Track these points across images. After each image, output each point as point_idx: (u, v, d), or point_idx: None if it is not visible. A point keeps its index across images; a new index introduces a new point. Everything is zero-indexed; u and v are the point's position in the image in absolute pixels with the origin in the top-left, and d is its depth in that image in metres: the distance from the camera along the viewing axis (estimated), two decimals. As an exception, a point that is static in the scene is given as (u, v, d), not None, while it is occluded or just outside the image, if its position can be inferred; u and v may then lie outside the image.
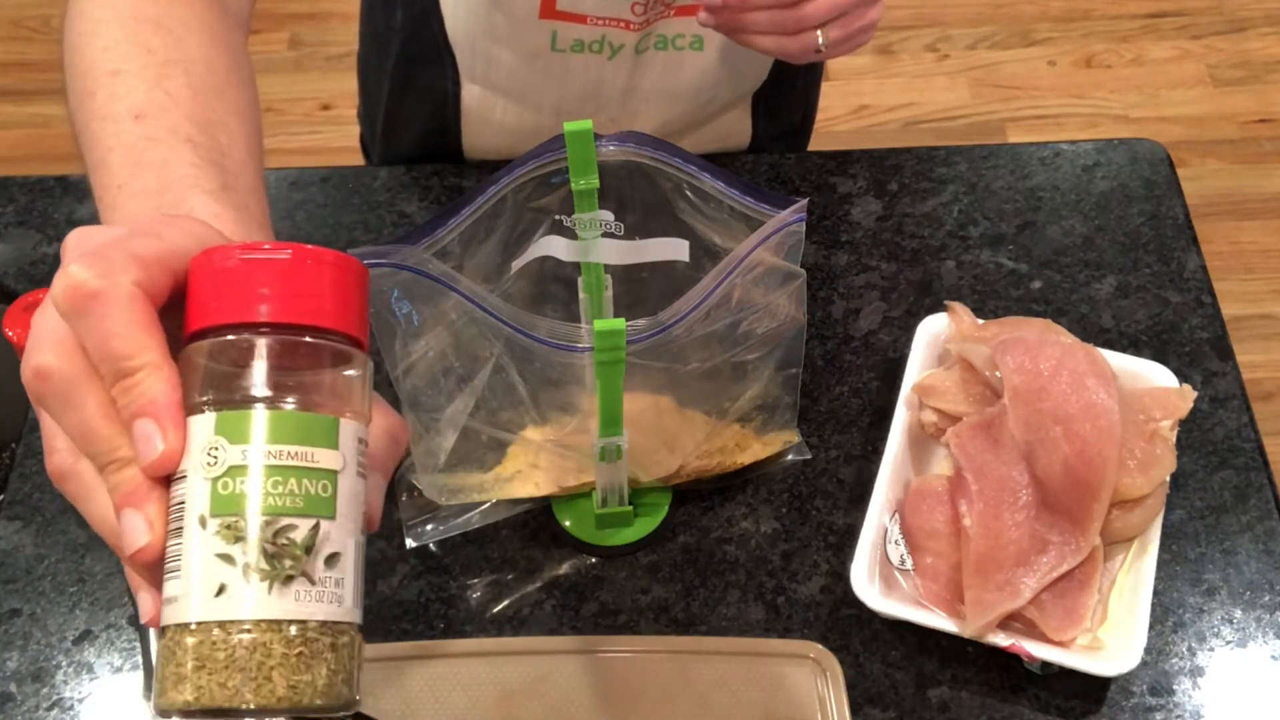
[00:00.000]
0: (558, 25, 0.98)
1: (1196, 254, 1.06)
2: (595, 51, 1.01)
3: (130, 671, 0.87)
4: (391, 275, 0.78)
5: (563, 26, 0.99)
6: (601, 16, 0.97)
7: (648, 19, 0.98)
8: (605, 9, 0.96)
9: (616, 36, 0.99)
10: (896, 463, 0.91)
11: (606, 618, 0.89)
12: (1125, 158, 1.12)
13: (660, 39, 1.01)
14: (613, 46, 1.00)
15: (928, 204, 1.09)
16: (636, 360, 0.79)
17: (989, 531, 0.84)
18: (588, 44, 1.00)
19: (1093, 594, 0.85)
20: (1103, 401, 0.85)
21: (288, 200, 1.10)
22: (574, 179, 0.77)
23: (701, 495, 0.94)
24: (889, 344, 1.01)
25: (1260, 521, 0.92)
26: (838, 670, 0.85)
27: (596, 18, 0.97)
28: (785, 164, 1.12)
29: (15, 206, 1.10)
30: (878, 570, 0.87)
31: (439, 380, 0.85)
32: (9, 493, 0.95)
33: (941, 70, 2.33)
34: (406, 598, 0.90)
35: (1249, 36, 2.35)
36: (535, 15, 0.98)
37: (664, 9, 0.98)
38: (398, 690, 0.85)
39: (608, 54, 1.01)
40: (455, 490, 0.91)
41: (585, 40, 1.00)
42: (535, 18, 0.98)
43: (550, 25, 0.99)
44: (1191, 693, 0.86)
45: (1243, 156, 2.20)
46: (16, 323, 0.87)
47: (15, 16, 2.39)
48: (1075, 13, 2.39)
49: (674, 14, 0.99)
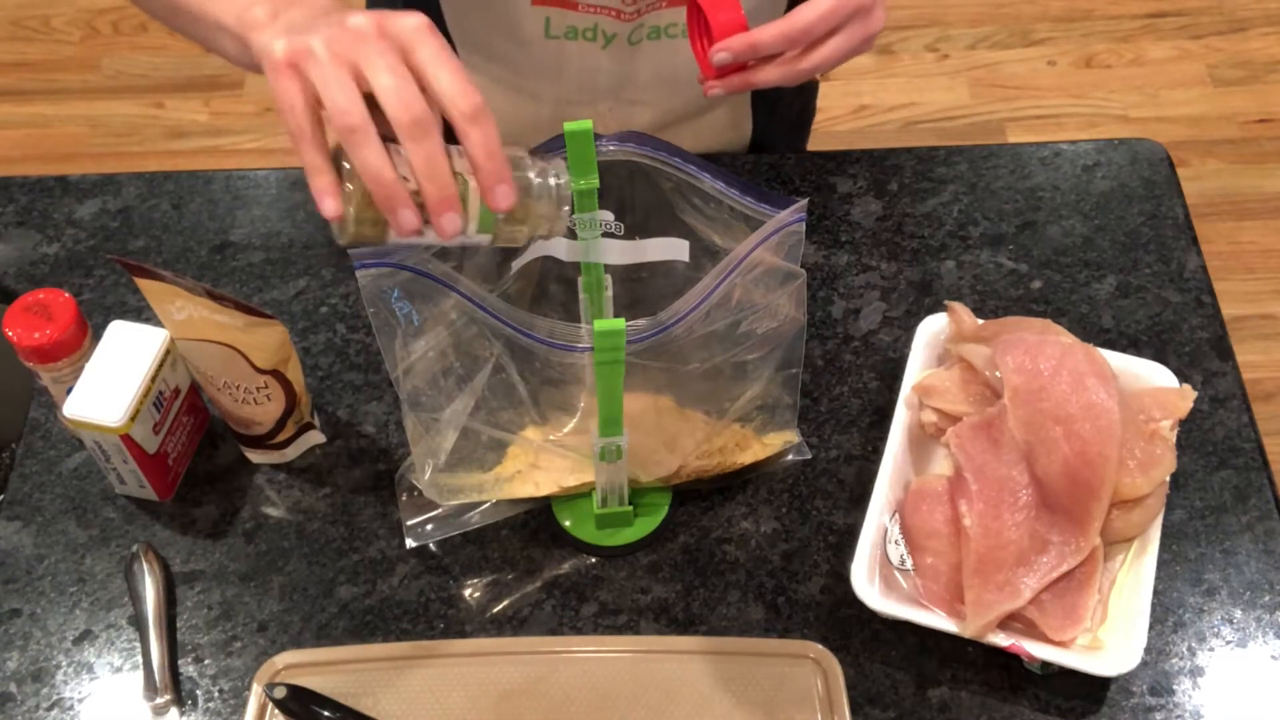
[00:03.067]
0: (550, 12, 0.99)
1: (1196, 254, 1.06)
2: (589, 39, 1.01)
3: (130, 671, 0.87)
4: (391, 275, 0.78)
5: (555, 13, 0.99)
6: (592, 4, 0.97)
7: (638, 9, 0.98)
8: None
9: (609, 25, 1.00)
10: (896, 463, 0.91)
11: (606, 618, 0.89)
12: (1125, 158, 1.12)
13: (653, 30, 1.02)
14: (605, 35, 1.01)
15: (928, 204, 1.09)
16: (636, 360, 0.79)
17: (989, 531, 0.84)
18: (581, 30, 1.00)
19: (1093, 594, 0.85)
20: (1103, 401, 0.85)
21: (288, 200, 1.10)
22: (574, 179, 0.77)
23: (701, 495, 0.94)
24: (889, 344, 1.01)
25: (1260, 521, 0.92)
26: (838, 670, 0.85)
27: (588, 4, 0.98)
28: (785, 164, 1.12)
29: (15, 206, 1.10)
30: (878, 570, 0.87)
31: (439, 380, 0.85)
32: (9, 493, 0.95)
33: (941, 70, 2.32)
34: (406, 598, 0.90)
35: (1249, 36, 2.35)
36: (529, 2, 0.98)
37: (655, 0, 0.98)
38: (398, 690, 0.85)
39: (601, 42, 1.01)
40: (455, 490, 0.91)
41: (578, 27, 1.00)
42: (529, 4, 0.98)
43: (543, 11, 0.99)
44: (1191, 693, 0.86)
45: (1243, 156, 2.20)
46: (16, 323, 0.87)
47: (15, 16, 2.39)
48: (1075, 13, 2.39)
49: (665, 5, 0.99)
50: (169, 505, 0.94)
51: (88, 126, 2.26)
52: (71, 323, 0.88)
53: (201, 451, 0.97)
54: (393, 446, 0.97)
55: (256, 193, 1.10)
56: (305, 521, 0.93)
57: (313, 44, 0.67)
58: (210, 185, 1.11)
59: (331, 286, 1.04)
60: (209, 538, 0.93)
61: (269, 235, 1.08)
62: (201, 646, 0.88)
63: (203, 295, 0.83)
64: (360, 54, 0.67)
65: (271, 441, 0.94)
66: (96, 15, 2.38)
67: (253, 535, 0.93)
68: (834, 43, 0.84)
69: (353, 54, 0.67)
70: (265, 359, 0.88)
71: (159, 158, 2.20)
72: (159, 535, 0.93)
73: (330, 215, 0.69)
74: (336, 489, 0.95)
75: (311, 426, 0.96)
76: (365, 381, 1.00)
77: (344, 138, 0.67)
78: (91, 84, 2.31)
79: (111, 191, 1.10)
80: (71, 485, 0.95)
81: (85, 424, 0.87)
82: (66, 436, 0.97)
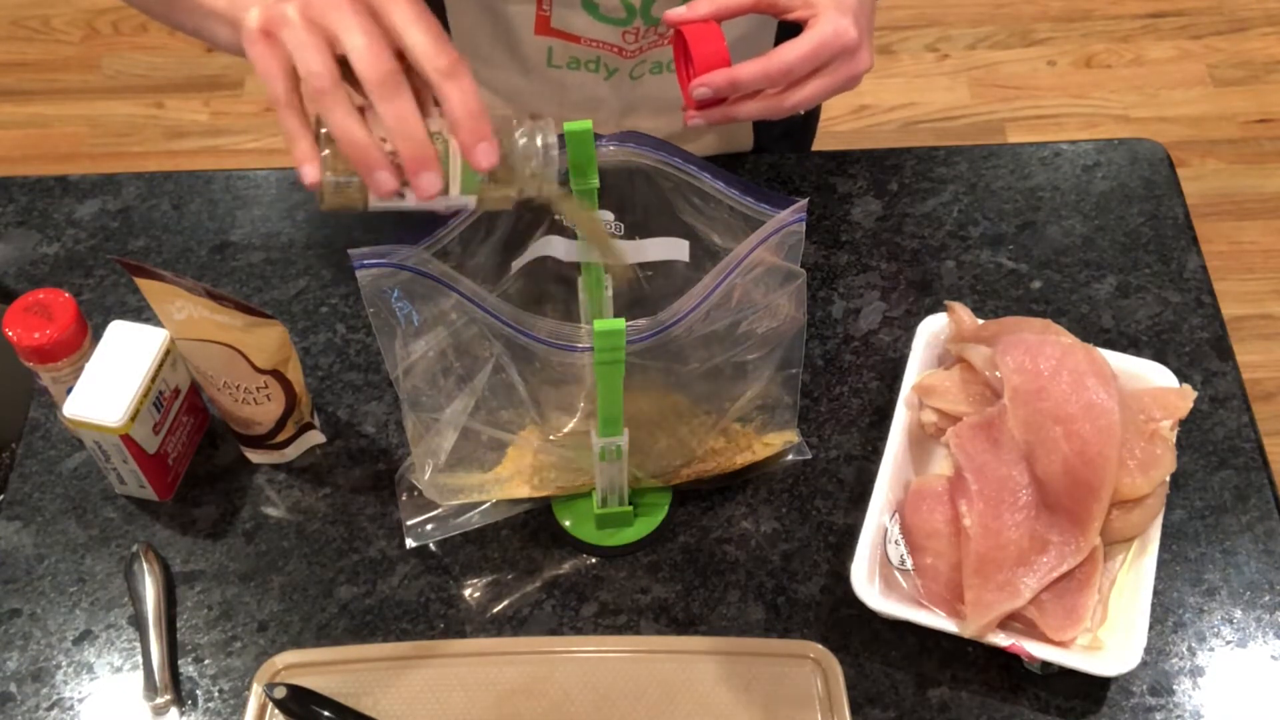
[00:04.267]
0: (553, 42, 0.99)
1: (1196, 254, 1.06)
2: (591, 70, 1.01)
3: (130, 671, 0.87)
4: (391, 275, 0.78)
5: (558, 44, 0.99)
6: (593, 39, 0.97)
7: (640, 47, 0.98)
8: (596, 33, 0.97)
9: (611, 60, 1.00)
10: (896, 463, 0.91)
11: (606, 618, 0.89)
12: (1125, 158, 1.12)
13: (655, 65, 1.02)
14: (608, 68, 1.01)
15: (928, 204, 1.09)
16: (636, 360, 0.79)
17: (989, 531, 0.84)
18: (584, 62, 1.00)
19: (1093, 594, 0.85)
20: (1103, 401, 0.85)
21: (288, 200, 1.10)
22: (574, 179, 0.77)
23: (701, 495, 0.94)
24: (889, 344, 1.01)
25: (1260, 521, 0.92)
26: (838, 670, 0.85)
27: (590, 39, 0.98)
28: (786, 164, 1.12)
29: (15, 206, 1.10)
30: (878, 570, 0.87)
31: (439, 380, 0.85)
32: (9, 493, 0.95)
33: (941, 70, 2.32)
34: (406, 598, 0.90)
35: (1249, 36, 2.35)
36: (531, 32, 0.98)
37: (657, 39, 0.98)
38: (398, 690, 0.85)
39: (604, 74, 1.01)
40: (455, 490, 0.91)
41: (581, 59, 1.00)
42: (532, 34, 0.98)
43: (546, 41, 0.99)
44: (1191, 693, 0.86)
45: (1243, 156, 2.20)
46: (16, 323, 0.87)
47: (15, 16, 2.39)
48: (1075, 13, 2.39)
49: (667, 42, 0.99)
50: (169, 505, 0.94)
51: (88, 126, 2.26)
52: (71, 323, 0.88)
53: (201, 451, 0.97)
54: (393, 446, 0.97)
55: (256, 193, 1.10)
56: (305, 521, 0.93)
57: (287, 10, 0.67)
58: (210, 185, 1.11)
59: (331, 286, 1.04)
60: (209, 538, 0.93)
61: (269, 235, 1.08)
62: (201, 646, 0.88)
63: (203, 295, 0.83)
64: (332, 19, 0.66)
65: (271, 441, 0.94)
66: (96, 15, 2.38)
67: (253, 535, 0.93)
68: (816, 83, 0.84)
69: (324, 19, 0.66)
70: (265, 359, 0.88)
71: (159, 158, 2.20)
72: (159, 535, 0.93)
73: (308, 181, 0.68)
74: (336, 489, 0.95)
75: (311, 426, 0.96)
76: (365, 381, 1.00)
77: (317, 101, 0.66)
78: (91, 84, 2.31)
79: (111, 191, 1.10)
80: (71, 485, 0.95)
81: (85, 424, 0.87)
82: (66, 436, 0.97)
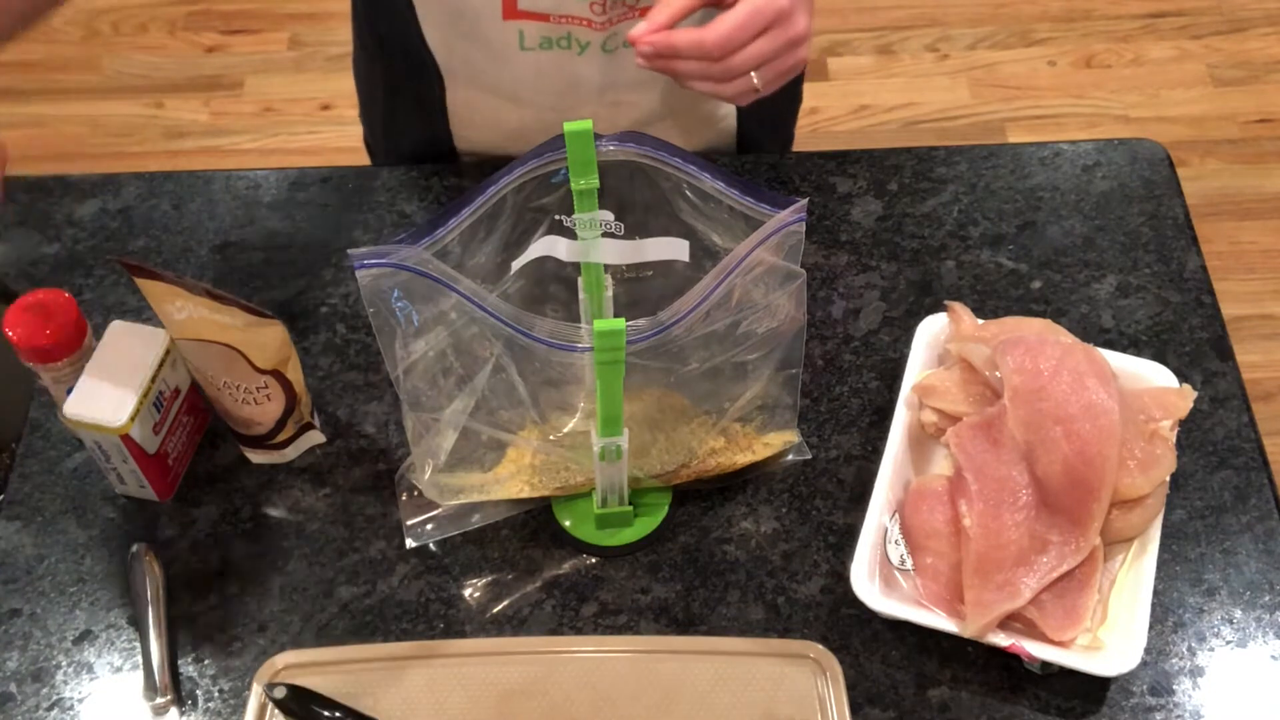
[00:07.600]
0: (523, 25, 0.99)
1: (1196, 254, 1.06)
2: (564, 48, 1.01)
3: (130, 671, 0.87)
4: (391, 275, 0.78)
5: (528, 25, 0.99)
6: (563, 15, 0.98)
7: (609, 19, 0.98)
8: (565, 7, 0.97)
9: (582, 34, 1.00)
10: (896, 463, 0.91)
11: (606, 618, 0.89)
12: (1125, 158, 1.12)
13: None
14: (580, 43, 1.01)
15: (928, 204, 1.09)
16: (636, 360, 0.79)
17: (989, 531, 0.84)
18: (555, 40, 1.01)
19: (1093, 594, 0.85)
20: (1103, 401, 0.85)
21: (288, 200, 1.10)
22: (574, 179, 0.77)
23: (701, 495, 0.94)
24: (889, 344, 1.01)
25: (1260, 521, 0.92)
26: (838, 670, 0.85)
27: (558, 15, 0.98)
28: (785, 164, 1.12)
29: (15, 206, 1.10)
30: (878, 570, 0.87)
31: (439, 380, 0.85)
32: (9, 493, 0.95)
33: (941, 70, 2.32)
34: (406, 598, 0.90)
35: (1249, 36, 2.35)
36: (499, 17, 0.98)
37: (627, 10, 0.98)
38: (398, 690, 0.85)
39: (576, 50, 1.01)
40: (455, 490, 0.91)
41: (552, 37, 1.00)
42: (500, 19, 0.99)
43: (516, 25, 0.99)
44: (1191, 693, 0.86)
45: (1243, 156, 2.20)
46: (16, 323, 0.87)
47: (15, 16, 2.39)
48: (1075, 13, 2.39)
49: (638, 14, 0.99)
50: (169, 505, 0.94)
51: (88, 126, 2.26)
52: (71, 323, 0.88)
53: (201, 451, 0.97)
54: (393, 446, 0.97)
55: (256, 193, 1.10)
56: (305, 521, 0.93)
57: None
58: (210, 185, 1.11)
59: (331, 286, 1.04)
60: (209, 538, 0.93)
61: (269, 235, 1.08)
62: (201, 646, 0.88)
63: (203, 295, 0.83)
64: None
65: (271, 441, 0.94)
66: (96, 15, 2.38)
67: (253, 535, 0.93)
68: (754, 46, 0.86)
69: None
70: (265, 359, 0.88)
71: (159, 158, 2.20)
72: (159, 535, 0.93)
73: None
74: (336, 489, 0.95)
75: (311, 426, 0.96)
76: (365, 381, 1.00)
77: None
78: (91, 84, 2.31)
79: (111, 191, 1.10)
80: (71, 485, 0.95)
81: (85, 424, 0.87)
82: (66, 436, 0.97)
